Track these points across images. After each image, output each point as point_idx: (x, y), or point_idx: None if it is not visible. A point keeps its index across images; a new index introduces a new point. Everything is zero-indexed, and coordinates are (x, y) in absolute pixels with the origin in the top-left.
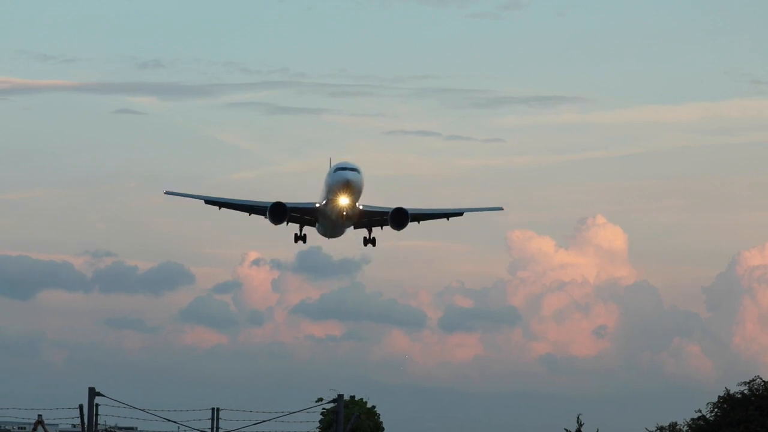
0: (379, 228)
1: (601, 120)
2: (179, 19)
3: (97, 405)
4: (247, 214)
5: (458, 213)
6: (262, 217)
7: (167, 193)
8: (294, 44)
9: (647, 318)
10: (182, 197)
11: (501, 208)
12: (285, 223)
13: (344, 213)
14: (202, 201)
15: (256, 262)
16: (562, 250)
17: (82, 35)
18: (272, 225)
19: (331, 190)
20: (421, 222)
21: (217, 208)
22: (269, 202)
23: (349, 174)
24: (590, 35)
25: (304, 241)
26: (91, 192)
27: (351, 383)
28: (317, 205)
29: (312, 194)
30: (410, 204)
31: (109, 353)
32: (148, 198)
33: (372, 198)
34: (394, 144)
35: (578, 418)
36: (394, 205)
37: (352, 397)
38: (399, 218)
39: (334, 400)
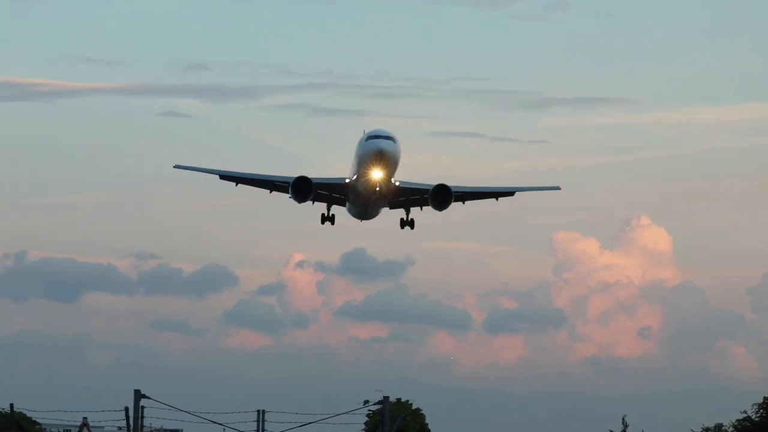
0: (419, 209)
1: (646, 121)
2: (223, 21)
3: (142, 407)
4: (268, 191)
5: (509, 192)
6: (285, 195)
7: (176, 167)
8: (338, 46)
9: (692, 319)
10: (193, 171)
11: (558, 188)
12: (311, 201)
13: (377, 189)
14: (217, 177)
15: (300, 264)
16: (606, 252)
17: (127, 38)
18: (296, 203)
19: (363, 162)
20: (466, 202)
21: (234, 184)
22: (292, 177)
23: (383, 143)
24: (636, 36)
25: (332, 222)
26: (136, 195)
27: (396, 385)
28: (347, 180)
29: None
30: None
31: (155, 355)
32: (193, 200)
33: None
34: (438, 146)
35: (623, 419)
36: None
37: (398, 399)
38: (441, 196)
39: (379, 402)
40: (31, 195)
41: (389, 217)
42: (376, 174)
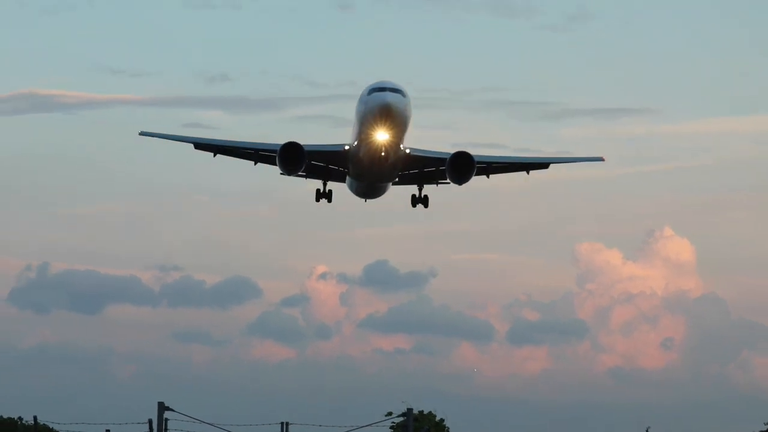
0: (434, 185)
1: (668, 131)
2: (246, 32)
3: (166, 419)
4: (252, 162)
5: (542, 164)
6: (272, 166)
7: (142, 134)
8: (361, 57)
9: (715, 330)
10: (171, 140)
11: (602, 159)
12: (303, 174)
13: (383, 155)
14: (192, 145)
15: (323, 276)
16: (629, 263)
17: (150, 50)
18: (286, 176)
19: (365, 122)
20: (491, 176)
21: (212, 155)
22: (279, 144)
23: (390, 96)
24: (657, 46)
25: (329, 199)
26: (159, 206)
27: (420, 396)
28: (346, 147)
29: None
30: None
31: (178, 367)
32: (217, 212)
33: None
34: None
35: (647, 430)
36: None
37: (421, 411)
38: (461, 166)
39: (403, 414)
40: (54, 206)
41: (398, 194)
42: (382, 136)
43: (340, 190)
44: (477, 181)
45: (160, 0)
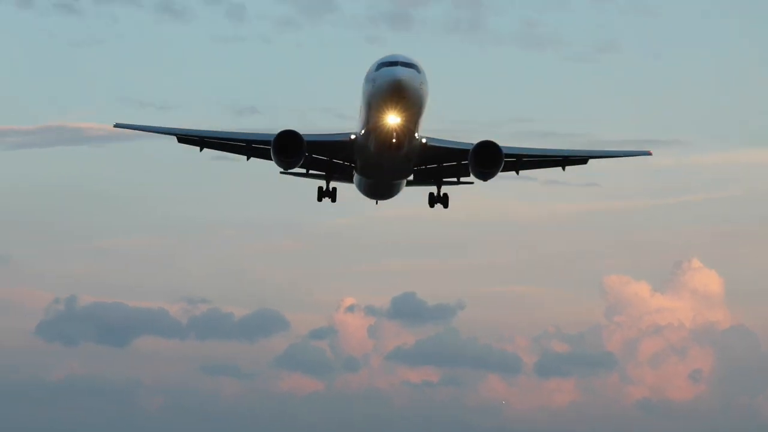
0: (454, 180)
1: (698, 163)
2: (274, 65)
3: None
4: (245, 157)
5: (580, 159)
6: (267, 161)
7: (117, 125)
8: None
9: (744, 362)
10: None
11: (649, 153)
12: (304, 171)
13: (394, 141)
14: (175, 139)
15: (351, 308)
16: (658, 295)
17: (179, 82)
18: (288, 176)
19: (373, 103)
20: (520, 172)
21: (198, 149)
22: (274, 134)
23: (401, 72)
24: (685, 78)
25: (333, 199)
26: (188, 239)
27: (448, 429)
28: (352, 136)
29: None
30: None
31: (206, 400)
32: (245, 245)
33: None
34: (490, 189)
35: None
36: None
37: None
38: (486, 158)
39: None
40: (83, 239)
41: (414, 195)
42: (393, 120)
43: (347, 191)
44: (503, 204)
45: (188, 33)
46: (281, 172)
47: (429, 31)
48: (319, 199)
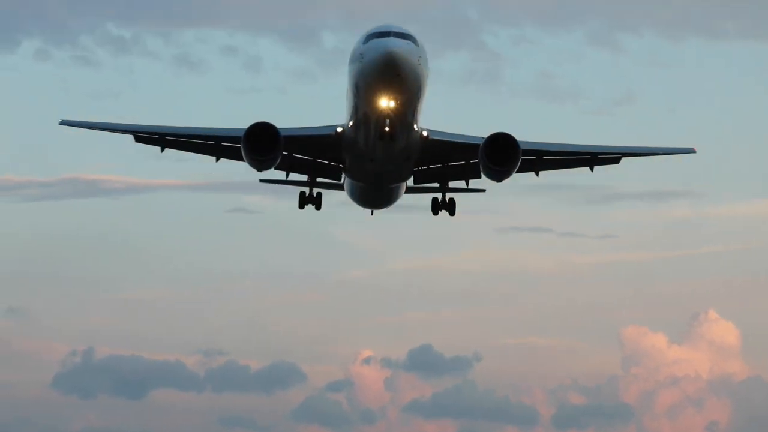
0: (462, 186)
1: (716, 214)
2: (288, 118)
3: None
4: (214, 159)
5: (611, 158)
6: (240, 162)
7: (63, 123)
8: None
9: (761, 413)
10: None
11: (693, 150)
12: (283, 170)
13: (387, 130)
14: (132, 137)
15: (367, 361)
16: (675, 346)
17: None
18: (263, 181)
19: (362, 85)
20: (542, 173)
21: (159, 149)
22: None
23: (395, 43)
24: (702, 129)
25: (318, 206)
26: (205, 291)
27: None
28: (339, 129)
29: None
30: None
31: None
32: (262, 296)
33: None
34: (506, 241)
35: None
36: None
37: None
38: (500, 155)
39: None
40: (99, 291)
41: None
42: (386, 104)
43: (341, 205)
44: (519, 255)
45: (204, 84)
46: (261, 180)
47: (446, 82)
48: (301, 206)
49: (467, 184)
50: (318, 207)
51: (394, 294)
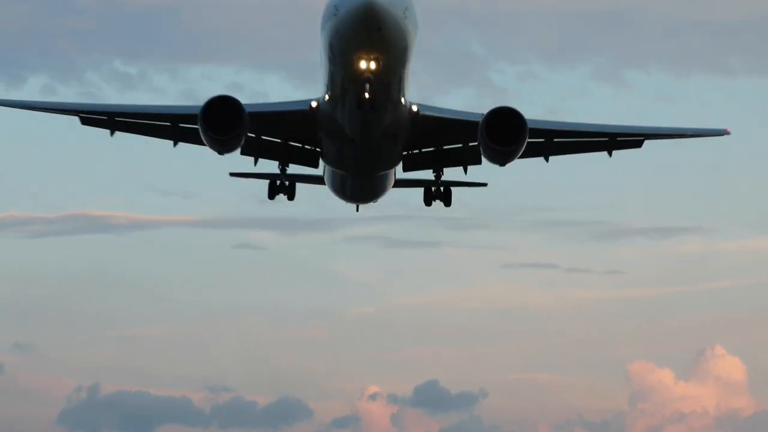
0: (457, 179)
1: (723, 249)
2: None
3: None
4: (172, 142)
5: (633, 140)
6: (199, 147)
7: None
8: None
9: None
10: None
11: (726, 132)
12: (252, 155)
13: (368, 98)
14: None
15: (373, 397)
16: (681, 382)
17: (202, 170)
18: (234, 174)
19: (337, 46)
20: (552, 157)
21: (109, 133)
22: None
23: None
24: (709, 164)
25: (291, 196)
26: (210, 327)
27: None
28: (313, 103)
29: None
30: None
31: None
32: (268, 332)
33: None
34: (511, 277)
35: None
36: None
37: None
38: (504, 132)
39: None
40: (106, 327)
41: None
42: (364, 64)
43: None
44: (525, 291)
45: None
46: (231, 174)
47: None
48: (271, 196)
49: (465, 171)
50: (291, 197)
51: (399, 330)
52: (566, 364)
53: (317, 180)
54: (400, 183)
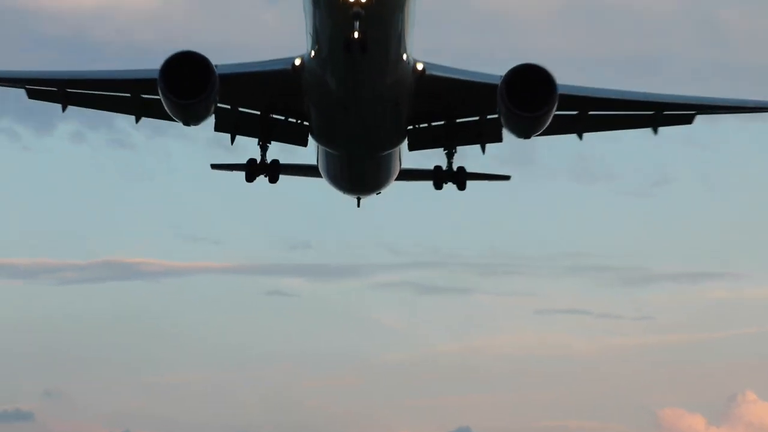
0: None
1: (752, 295)
2: (326, 201)
3: None
4: (135, 118)
5: (684, 115)
6: (170, 122)
7: None
8: (444, 224)
9: None
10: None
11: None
12: (227, 132)
13: (366, 55)
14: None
15: None
16: (713, 428)
17: (231, 217)
18: (215, 166)
19: None
20: (587, 134)
21: (60, 108)
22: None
23: None
24: (739, 210)
25: (273, 178)
26: (242, 373)
27: None
28: (297, 62)
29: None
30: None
31: None
32: (298, 379)
33: None
34: (543, 323)
35: None
36: None
37: None
38: (528, 95)
39: None
40: (136, 374)
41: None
42: (359, 12)
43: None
44: (556, 337)
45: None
46: (212, 166)
47: (480, 167)
48: (250, 179)
49: (483, 149)
50: (273, 179)
51: (431, 376)
52: (597, 411)
53: (310, 171)
54: (406, 175)
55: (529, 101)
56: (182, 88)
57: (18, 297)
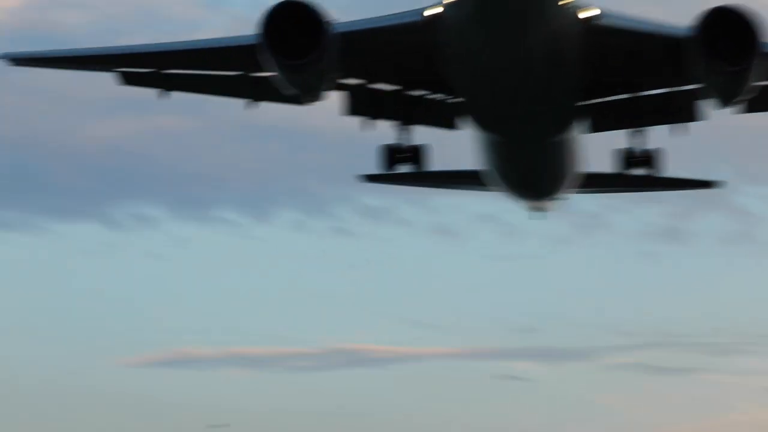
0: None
1: None
2: (551, 283)
3: None
4: (246, 103)
5: None
6: (288, 105)
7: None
8: (671, 304)
9: None
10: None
11: None
12: (361, 114)
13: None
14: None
15: None
16: None
17: (456, 302)
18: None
19: None
20: None
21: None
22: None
23: None
24: None
25: (417, 160)
26: None
27: None
28: (426, 13)
29: None
30: None
31: None
32: None
33: None
34: None
35: None
36: None
37: None
38: (729, 42)
39: None
40: None
41: None
42: None
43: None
44: None
45: (461, 252)
46: (364, 177)
47: (703, 245)
48: (389, 165)
49: (683, 123)
50: (418, 161)
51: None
52: None
53: (472, 178)
54: (592, 181)
55: (729, 43)
56: (291, 48)
57: (250, 385)
